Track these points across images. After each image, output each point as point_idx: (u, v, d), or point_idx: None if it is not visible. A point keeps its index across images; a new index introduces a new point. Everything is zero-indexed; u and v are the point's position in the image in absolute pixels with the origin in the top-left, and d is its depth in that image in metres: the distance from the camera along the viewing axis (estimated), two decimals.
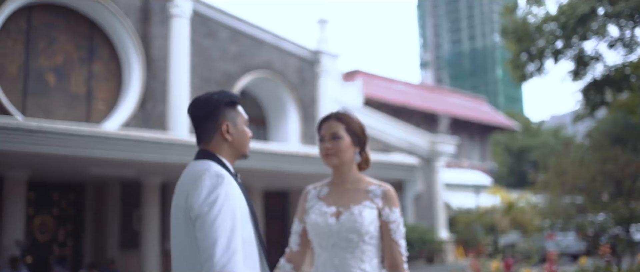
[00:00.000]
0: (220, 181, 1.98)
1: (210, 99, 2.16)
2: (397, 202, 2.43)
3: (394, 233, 2.38)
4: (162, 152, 11.16)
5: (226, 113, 2.16)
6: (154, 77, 14.30)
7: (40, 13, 13.27)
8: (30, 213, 13.29)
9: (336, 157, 2.44)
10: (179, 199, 2.04)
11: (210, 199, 1.93)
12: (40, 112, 12.96)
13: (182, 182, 2.07)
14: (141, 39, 14.17)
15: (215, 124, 2.14)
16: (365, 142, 2.54)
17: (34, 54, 13.11)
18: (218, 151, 2.14)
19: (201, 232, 1.91)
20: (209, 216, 1.91)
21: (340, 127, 2.46)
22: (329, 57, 18.06)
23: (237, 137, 2.19)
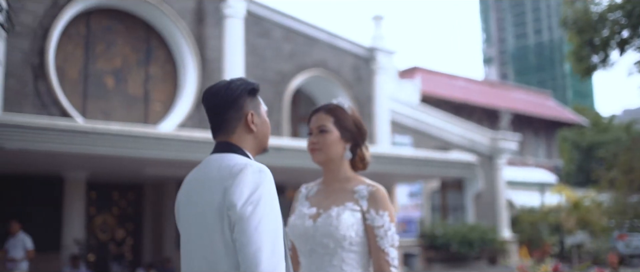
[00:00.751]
0: (263, 177, 1.78)
1: (231, 86, 1.95)
2: (386, 205, 2.15)
3: (380, 240, 2.12)
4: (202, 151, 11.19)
5: (249, 101, 1.97)
6: (208, 77, 14.41)
7: (98, 18, 13.60)
8: (92, 213, 13.66)
9: (322, 152, 2.23)
10: (210, 195, 1.79)
11: (254, 198, 1.73)
12: (100, 114, 13.28)
13: (212, 178, 1.82)
14: (196, 41, 14.31)
15: (239, 113, 1.93)
16: (360, 138, 2.31)
17: (93, 58, 13.45)
18: (242, 143, 1.93)
19: (244, 235, 1.70)
20: (253, 218, 1.71)
21: (329, 120, 2.25)
22: (384, 54, 17.79)
23: (261, 128, 1.99)
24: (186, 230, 1.89)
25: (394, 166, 13.61)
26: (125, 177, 13.36)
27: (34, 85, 12.21)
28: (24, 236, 9.65)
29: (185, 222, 1.89)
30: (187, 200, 1.89)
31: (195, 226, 1.84)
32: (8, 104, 11.74)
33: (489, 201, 19.81)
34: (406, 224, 17.70)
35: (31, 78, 12.17)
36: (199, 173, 1.90)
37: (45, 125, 9.83)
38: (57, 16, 12.46)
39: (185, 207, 1.90)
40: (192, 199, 1.86)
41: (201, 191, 1.84)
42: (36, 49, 12.26)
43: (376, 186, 2.22)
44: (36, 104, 12.15)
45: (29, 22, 12.25)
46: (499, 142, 19.83)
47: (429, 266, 17.86)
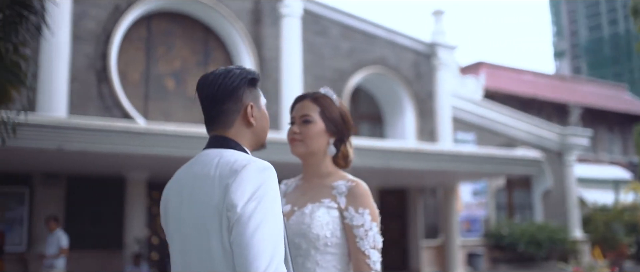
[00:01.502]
0: (266, 175, 1.62)
1: (230, 75, 1.77)
2: (367, 202, 1.95)
3: (360, 241, 1.91)
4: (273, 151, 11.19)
5: (248, 92, 1.79)
6: (266, 77, 14.46)
7: (158, 21, 13.88)
8: (155, 212, 13.94)
9: (303, 144, 2.04)
10: (209, 194, 1.64)
11: (255, 198, 1.57)
12: (161, 116, 13.55)
13: (211, 176, 1.66)
14: (253, 41, 14.39)
15: (237, 104, 1.76)
16: (345, 133, 2.10)
17: (153, 61, 13.73)
18: (239, 137, 1.77)
19: (242, 239, 1.56)
20: (253, 221, 1.56)
21: (314, 110, 2.05)
22: (445, 49, 17.38)
23: (260, 122, 1.82)
24: (179, 231, 1.73)
25: (456, 164, 13.25)
26: None
27: (97, 89, 12.57)
28: (61, 234, 9.90)
29: (177, 222, 1.73)
30: (179, 199, 1.73)
31: (190, 227, 1.68)
32: (73, 107, 12.13)
33: (558, 199, 19.04)
34: (470, 223, 17.24)
35: (95, 82, 12.54)
36: (193, 170, 1.73)
37: (107, 127, 10.08)
38: (118, 21, 12.79)
39: (177, 207, 1.73)
40: (186, 198, 1.71)
41: (197, 189, 1.68)
42: (99, 53, 12.62)
43: (356, 181, 2.02)
44: (99, 107, 12.50)
45: (92, 27, 12.62)
46: (569, 138, 19.03)
47: (494, 266, 17.33)
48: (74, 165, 11.33)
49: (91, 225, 12.37)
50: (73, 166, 11.46)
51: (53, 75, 11.79)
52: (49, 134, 8.97)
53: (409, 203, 16.51)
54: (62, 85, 11.88)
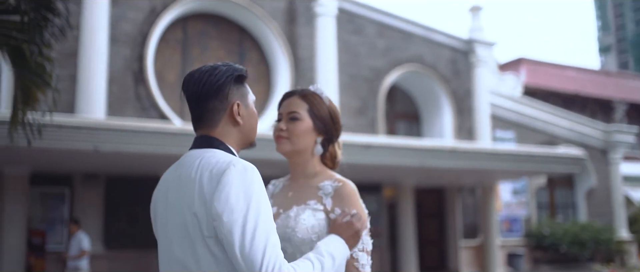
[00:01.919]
0: (249, 177, 1.56)
1: (215, 73, 1.71)
2: (354, 202, 1.86)
3: None
4: None
5: (235, 90, 1.74)
6: (301, 77, 14.45)
7: (194, 23, 14.01)
8: None
9: (289, 142, 1.95)
10: (189, 198, 1.58)
11: (242, 205, 1.52)
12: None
13: (191, 178, 1.61)
14: (288, 40, 14.39)
15: (223, 103, 1.70)
16: (334, 132, 2.01)
17: (189, 62, 13.86)
18: (225, 136, 1.71)
19: (242, 248, 1.50)
20: (246, 231, 1.50)
21: (302, 107, 1.97)
22: (483, 46, 17.08)
23: (247, 121, 1.76)
24: (165, 235, 1.68)
25: (495, 162, 12.98)
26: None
27: (134, 90, 12.75)
28: (82, 236, 10.09)
29: (163, 226, 1.69)
30: (165, 202, 1.69)
31: (175, 231, 1.63)
32: (111, 108, 12.33)
33: (603, 198, 18.51)
34: (510, 222, 16.89)
35: (132, 83, 12.72)
36: (178, 172, 1.69)
37: (142, 127, 10.19)
38: (154, 23, 12.94)
39: (163, 210, 1.69)
40: (171, 202, 1.66)
41: (180, 193, 1.63)
42: (136, 55, 12.80)
43: (343, 181, 1.93)
44: (136, 108, 12.67)
45: (129, 30, 12.80)
46: (614, 135, 18.49)
47: (535, 266, 16.94)
48: (112, 165, 11.50)
49: (129, 225, 12.54)
50: (111, 167, 11.64)
51: (91, 77, 12.00)
52: (85, 135, 9.11)
53: (446, 202, 16.28)
54: (100, 87, 12.08)
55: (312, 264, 1.61)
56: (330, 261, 1.66)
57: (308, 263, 1.61)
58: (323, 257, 1.65)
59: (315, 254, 1.66)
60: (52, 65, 4.19)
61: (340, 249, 1.72)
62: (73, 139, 9.09)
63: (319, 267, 1.62)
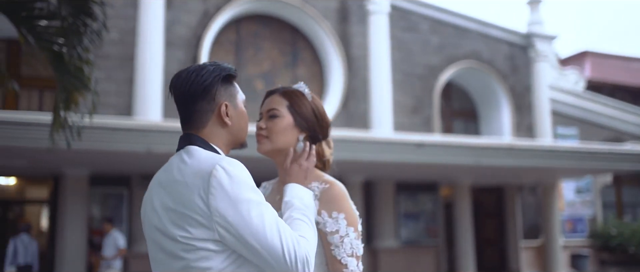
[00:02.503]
0: (238, 170, 1.54)
1: (202, 73, 1.67)
2: (342, 205, 1.74)
3: (335, 249, 1.71)
4: (363, 150, 11.07)
5: (223, 90, 1.69)
6: (354, 75, 14.36)
7: (247, 24, 14.13)
8: None
9: (269, 141, 1.84)
10: (173, 200, 1.56)
11: (242, 198, 1.50)
12: (251, 117, 13.69)
13: (176, 180, 1.58)
14: (340, 39, 14.32)
15: (211, 104, 1.66)
16: (319, 131, 1.89)
17: (243, 63, 13.99)
18: (213, 138, 1.67)
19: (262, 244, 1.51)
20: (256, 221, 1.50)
21: (282, 104, 1.85)
22: (543, 40, 16.52)
23: (237, 121, 1.72)
24: (150, 238, 1.66)
25: (556, 160, 12.53)
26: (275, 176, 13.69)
27: None
28: (117, 235, 10.24)
29: (150, 228, 1.66)
30: (151, 204, 1.65)
31: (156, 233, 1.61)
32: (167, 110, 12.56)
33: None
34: (574, 222, 16.28)
35: None
36: (165, 174, 1.66)
37: None
38: (208, 25, 13.12)
39: (149, 212, 1.66)
40: (157, 204, 1.63)
41: (165, 195, 1.60)
42: (190, 57, 13.01)
43: (331, 181, 1.82)
44: None
45: (183, 33, 13.03)
46: None
47: (602, 268, 16.27)
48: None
49: None
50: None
51: (147, 80, 12.27)
52: (138, 137, 9.31)
53: (506, 202, 15.84)
54: (156, 90, 12.33)
55: (306, 223, 1.65)
56: (309, 211, 1.69)
57: (303, 224, 1.64)
58: (304, 210, 1.68)
59: (297, 211, 1.67)
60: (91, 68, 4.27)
61: (307, 196, 1.74)
62: (127, 141, 9.31)
63: (309, 222, 1.66)
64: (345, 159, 11.07)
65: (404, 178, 13.83)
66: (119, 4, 12.59)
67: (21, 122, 8.58)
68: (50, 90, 12.02)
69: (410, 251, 14.15)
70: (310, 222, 1.66)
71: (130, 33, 12.52)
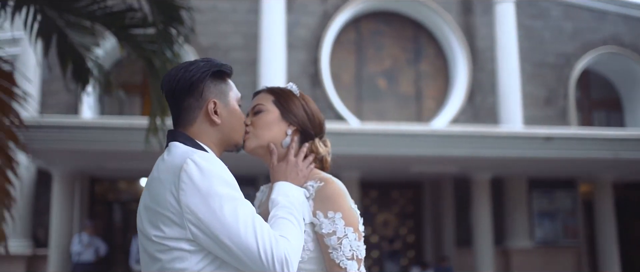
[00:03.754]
0: (210, 165, 1.46)
1: (190, 69, 1.60)
2: (338, 204, 1.59)
3: (333, 251, 1.56)
4: (487, 146, 10.61)
5: (212, 87, 1.61)
6: (480, 68, 13.80)
7: (367, 22, 14.05)
8: (374, 211, 14.13)
9: (255, 137, 1.70)
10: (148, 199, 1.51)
11: (214, 194, 1.42)
12: (374, 116, 13.68)
13: (154, 178, 1.53)
14: (464, 32, 13.83)
15: (199, 101, 1.59)
16: (311, 128, 1.75)
17: (364, 62, 13.94)
18: (201, 136, 1.60)
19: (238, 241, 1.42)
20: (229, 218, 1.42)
21: (268, 99, 1.73)
22: None
23: (227, 120, 1.62)
24: (139, 238, 1.61)
25: None
26: (403, 175, 13.48)
27: (311, 93, 13.11)
28: None
29: (139, 228, 1.60)
30: (139, 208, 1.60)
31: (140, 236, 1.57)
32: None
33: None
34: None
35: (308, 86, 13.11)
36: (150, 175, 1.61)
37: None
38: (327, 26, 13.22)
39: (139, 212, 1.61)
40: (139, 206, 1.59)
41: (145, 196, 1.55)
42: (311, 59, 13.18)
43: (327, 179, 1.66)
44: None
45: (304, 35, 13.23)
46: None
47: None
48: None
49: None
50: None
51: (271, 83, 12.51)
52: None
53: None
54: None
55: (291, 222, 1.54)
56: (296, 210, 1.57)
57: (287, 223, 1.53)
58: (290, 208, 1.56)
59: (282, 210, 1.56)
60: None
61: (295, 194, 1.61)
62: None
63: (294, 221, 1.54)
64: (470, 155, 10.65)
65: (537, 174, 13.04)
66: (241, 10, 13.06)
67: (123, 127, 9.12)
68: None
69: (546, 251, 13.34)
70: (296, 221, 1.54)
71: (253, 38, 12.91)
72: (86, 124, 10.53)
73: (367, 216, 13.83)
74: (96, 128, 9.94)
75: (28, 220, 11.94)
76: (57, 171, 11.28)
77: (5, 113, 4.66)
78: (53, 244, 11.08)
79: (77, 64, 4.88)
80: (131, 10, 4.23)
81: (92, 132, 9.75)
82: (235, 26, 13.05)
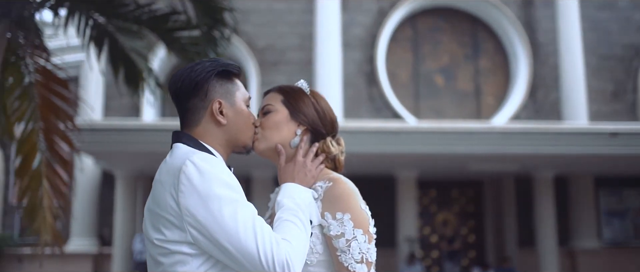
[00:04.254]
0: (209, 166, 1.43)
1: (195, 69, 1.57)
2: (347, 204, 1.51)
3: (342, 254, 1.49)
4: (552, 143, 10.26)
5: (218, 87, 1.57)
6: (542, 63, 13.37)
7: (423, 19, 13.84)
8: (433, 210, 13.91)
9: (263, 139, 1.63)
10: (154, 202, 1.49)
11: (213, 196, 1.39)
12: (432, 114, 13.46)
13: (156, 180, 1.51)
14: (525, 26, 13.43)
15: (203, 101, 1.56)
16: (322, 127, 1.66)
17: (421, 59, 13.74)
18: (206, 137, 1.56)
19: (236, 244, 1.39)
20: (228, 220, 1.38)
21: (277, 99, 1.66)
22: None
23: (234, 121, 1.58)
24: (145, 241, 1.59)
25: None
26: (462, 174, 13.21)
27: (367, 92, 13.04)
28: None
29: (144, 232, 1.58)
30: (146, 206, 1.57)
31: (145, 240, 1.55)
32: (346, 111, 12.77)
33: None
34: None
35: (364, 85, 13.04)
36: (155, 175, 1.59)
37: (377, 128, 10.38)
38: (383, 24, 13.10)
39: (144, 215, 1.59)
40: (145, 210, 1.57)
41: (149, 199, 1.53)
42: (367, 57, 13.09)
43: (335, 179, 1.57)
44: (370, 109, 12.95)
45: (359, 33, 13.16)
46: None
47: None
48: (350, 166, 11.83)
49: None
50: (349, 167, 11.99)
51: (327, 83, 12.56)
52: None
53: None
54: (336, 91, 12.58)
55: (295, 224, 1.48)
56: (302, 213, 1.51)
57: (291, 225, 1.48)
58: (295, 210, 1.51)
59: (287, 212, 1.51)
60: None
61: (302, 196, 1.55)
62: None
63: (299, 224, 1.49)
64: (531, 153, 10.33)
65: (604, 172, 12.52)
66: (297, 10, 13.10)
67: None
68: None
69: (615, 252, 12.80)
70: (301, 223, 1.48)
71: (308, 38, 12.93)
72: (146, 126, 10.80)
73: (426, 216, 13.71)
74: (156, 130, 10.16)
75: (94, 220, 12.37)
76: (120, 172, 11.63)
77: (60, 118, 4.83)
78: (117, 243, 11.42)
79: (128, 68, 5.00)
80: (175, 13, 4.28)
81: (152, 134, 9.97)
82: (291, 27, 13.11)
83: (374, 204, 8.45)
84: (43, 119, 4.66)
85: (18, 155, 4.70)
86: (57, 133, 4.77)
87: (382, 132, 10.30)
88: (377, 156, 10.59)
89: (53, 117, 4.74)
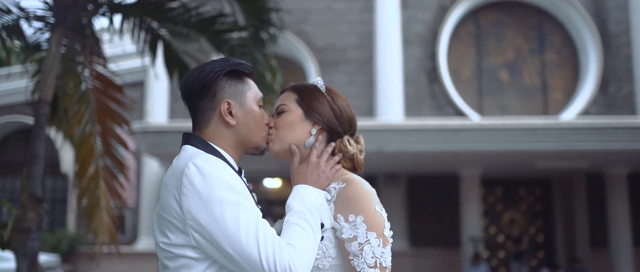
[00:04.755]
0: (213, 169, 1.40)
1: (204, 69, 1.53)
2: (360, 206, 1.44)
3: (354, 259, 1.42)
4: (624, 139, 9.81)
5: (227, 87, 1.54)
6: (614, 55, 12.78)
7: (486, 14, 13.50)
8: (499, 209, 13.55)
9: (278, 139, 1.58)
10: (158, 208, 1.49)
11: (215, 199, 1.36)
12: (496, 110, 13.12)
13: (163, 184, 1.49)
14: (594, 16, 12.88)
15: (212, 102, 1.53)
16: (339, 126, 1.59)
17: (485, 54, 13.40)
18: (216, 139, 1.53)
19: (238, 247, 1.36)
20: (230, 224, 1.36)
21: (291, 98, 1.60)
22: None
23: (244, 121, 1.54)
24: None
25: None
26: (529, 171, 12.80)
27: (429, 89, 12.83)
28: None
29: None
30: (155, 210, 1.56)
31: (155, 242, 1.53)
32: (408, 109, 12.62)
33: None
34: None
35: (426, 82, 12.83)
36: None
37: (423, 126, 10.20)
38: (444, 20, 12.86)
39: (153, 219, 1.57)
40: (156, 210, 1.55)
41: (159, 200, 1.52)
42: (428, 54, 12.88)
43: (349, 180, 1.50)
44: (432, 107, 12.73)
45: (420, 30, 12.96)
46: None
47: None
48: (413, 165, 11.70)
49: (431, 223, 12.64)
50: (412, 166, 11.86)
51: (387, 81, 12.45)
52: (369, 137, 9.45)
53: None
54: (396, 89, 12.46)
55: (303, 229, 1.43)
56: (311, 216, 1.45)
57: (297, 229, 1.43)
58: (304, 214, 1.45)
59: (295, 216, 1.45)
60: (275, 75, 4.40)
61: (312, 198, 1.49)
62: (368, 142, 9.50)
63: (307, 227, 1.43)
64: (601, 149, 9.90)
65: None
66: (356, 9, 13.04)
67: None
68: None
69: None
70: (310, 227, 1.43)
71: (368, 36, 12.85)
72: None
73: (492, 215, 13.37)
74: None
75: None
76: None
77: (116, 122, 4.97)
78: None
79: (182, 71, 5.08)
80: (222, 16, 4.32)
81: None
82: (351, 26, 13.05)
83: (437, 203, 8.49)
84: (100, 122, 4.81)
85: (77, 157, 4.87)
86: (113, 136, 4.91)
87: (443, 130, 10.12)
88: (439, 154, 10.41)
89: (109, 121, 4.89)
